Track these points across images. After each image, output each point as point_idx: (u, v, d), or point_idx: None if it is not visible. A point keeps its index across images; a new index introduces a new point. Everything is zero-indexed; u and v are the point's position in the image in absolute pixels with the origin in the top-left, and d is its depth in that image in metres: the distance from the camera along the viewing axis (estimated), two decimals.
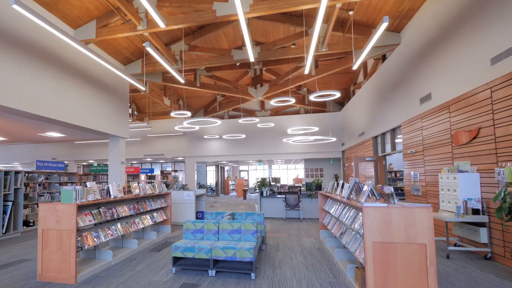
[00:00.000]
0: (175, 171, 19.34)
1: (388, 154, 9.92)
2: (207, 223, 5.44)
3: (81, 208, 5.08)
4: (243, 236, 5.26)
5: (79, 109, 8.03)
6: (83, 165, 21.66)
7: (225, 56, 8.90)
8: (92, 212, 5.26)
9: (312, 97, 8.76)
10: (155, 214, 7.60)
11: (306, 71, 7.68)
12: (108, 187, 5.76)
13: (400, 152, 8.91)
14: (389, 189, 4.11)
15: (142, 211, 6.85)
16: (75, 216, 4.57)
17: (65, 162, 18.80)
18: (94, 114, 8.62)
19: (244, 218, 6.57)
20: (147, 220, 7.11)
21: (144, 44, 5.94)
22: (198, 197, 10.10)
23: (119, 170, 9.85)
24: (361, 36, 8.18)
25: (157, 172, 20.06)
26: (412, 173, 8.00)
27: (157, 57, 6.42)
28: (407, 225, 3.53)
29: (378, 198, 4.61)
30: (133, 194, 6.52)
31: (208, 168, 24.19)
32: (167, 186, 10.01)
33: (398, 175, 11.90)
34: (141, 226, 6.78)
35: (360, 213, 4.41)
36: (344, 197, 5.16)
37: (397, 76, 8.49)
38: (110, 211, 5.74)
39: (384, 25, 5.40)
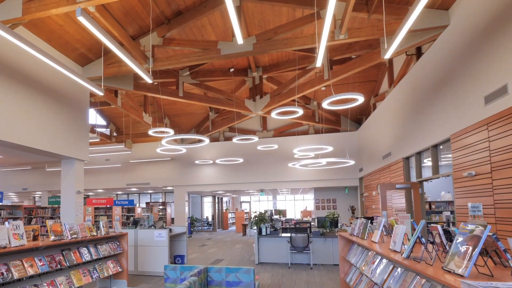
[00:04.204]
0: (163, 203, 16.93)
1: (427, 179, 7.48)
2: None
3: None
4: None
5: (15, 122, 6.03)
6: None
7: (210, 50, 6.84)
8: None
9: (325, 104, 6.59)
10: (100, 265, 5.21)
11: (318, 64, 5.59)
12: None
13: (449, 175, 6.50)
14: None
15: (69, 264, 4.48)
16: None
17: (39, 192, 16.60)
18: (39, 129, 6.56)
19: (223, 277, 4.16)
20: (82, 277, 4.72)
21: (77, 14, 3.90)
22: (175, 237, 7.70)
23: (74, 202, 7.57)
24: (393, 17, 6.02)
25: (142, 204, 17.61)
26: (469, 204, 5.62)
27: (98, 34, 4.35)
28: None
29: (460, 254, 2.25)
30: (51, 240, 4.20)
31: (205, 199, 21.66)
32: (136, 222, 7.65)
33: (433, 206, 9.38)
34: None
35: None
36: (400, 253, 2.78)
37: (444, 72, 6.22)
38: None
39: None
